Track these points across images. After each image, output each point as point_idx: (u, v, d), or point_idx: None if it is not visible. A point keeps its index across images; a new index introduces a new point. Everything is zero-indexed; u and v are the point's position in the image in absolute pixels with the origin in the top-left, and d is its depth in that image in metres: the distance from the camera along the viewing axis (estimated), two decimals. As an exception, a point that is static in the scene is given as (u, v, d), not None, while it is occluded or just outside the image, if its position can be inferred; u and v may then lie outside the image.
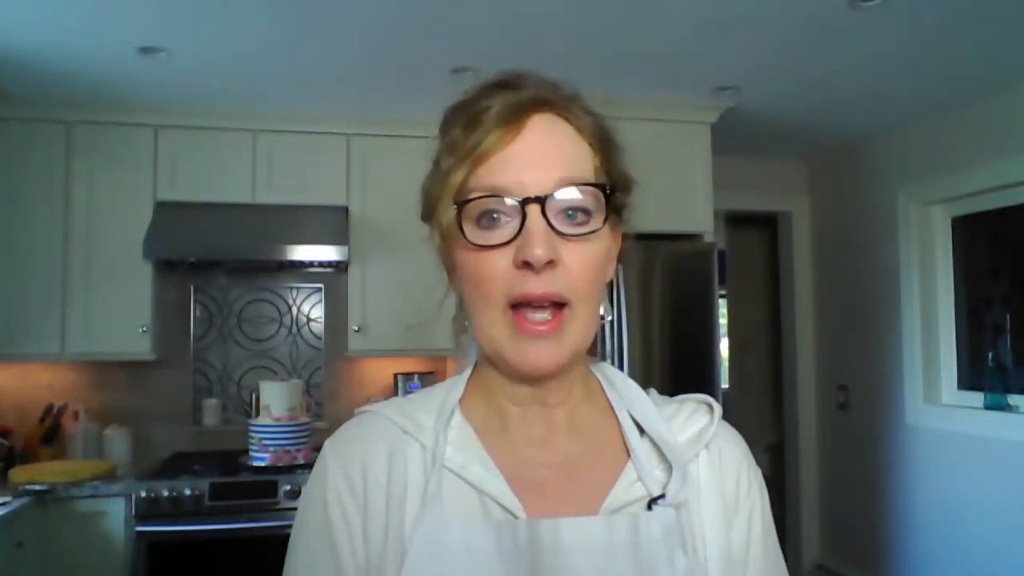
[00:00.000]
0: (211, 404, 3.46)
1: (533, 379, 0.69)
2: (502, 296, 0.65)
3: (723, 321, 3.14)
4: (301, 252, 3.18)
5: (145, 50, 2.66)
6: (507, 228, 0.65)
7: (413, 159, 3.57)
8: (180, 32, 2.54)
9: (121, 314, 3.16)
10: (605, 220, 0.67)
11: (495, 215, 0.65)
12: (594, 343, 0.71)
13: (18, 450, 3.15)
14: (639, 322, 3.09)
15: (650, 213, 0.72)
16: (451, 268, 0.73)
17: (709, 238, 3.32)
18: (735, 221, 4.72)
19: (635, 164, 0.73)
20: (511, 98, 0.68)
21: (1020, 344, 3.24)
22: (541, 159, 0.66)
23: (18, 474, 2.86)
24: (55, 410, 3.24)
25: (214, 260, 3.30)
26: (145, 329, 3.19)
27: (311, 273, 3.63)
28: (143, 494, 2.80)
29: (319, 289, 3.67)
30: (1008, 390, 3.21)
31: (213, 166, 3.28)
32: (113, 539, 2.83)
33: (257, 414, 3.10)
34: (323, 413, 3.61)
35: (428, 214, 0.73)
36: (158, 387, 3.47)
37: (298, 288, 3.66)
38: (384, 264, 3.39)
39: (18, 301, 3.08)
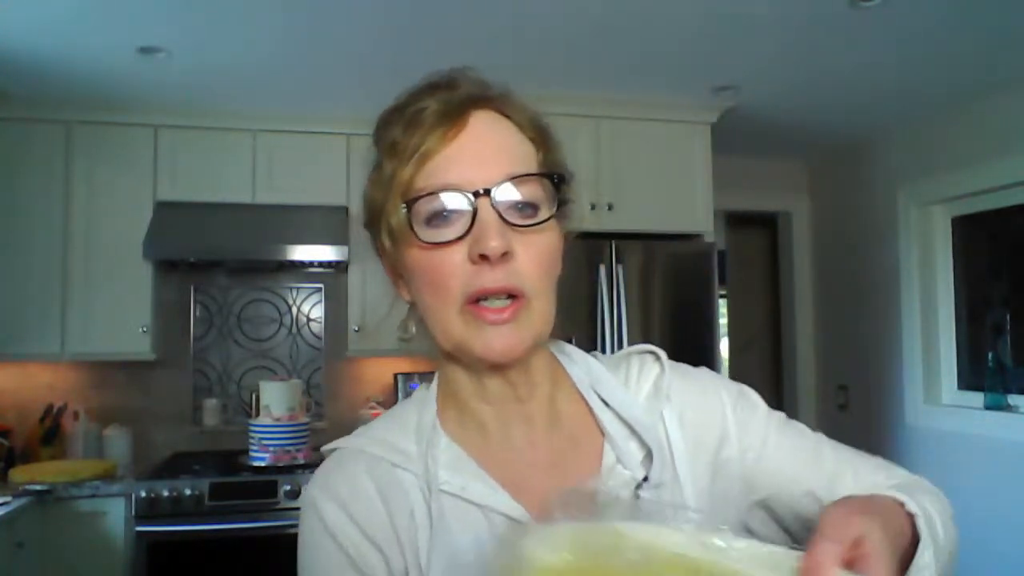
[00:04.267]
0: (211, 404, 3.46)
1: (499, 366, 0.68)
2: (459, 292, 0.65)
3: (723, 321, 3.14)
4: (301, 252, 3.18)
5: (145, 50, 2.66)
6: (458, 224, 0.65)
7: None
8: (180, 32, 2.54)
9: (121, 314, 3.16)
10: (555, 211, 0.68)
11: (445, 213, 0.65)
12: (592, 344, 0.71)
13: (18, 450, 3.15)
14: (639, 322, 3.09)
15: (650, 213, 0.73)
16: (397, 275, 0.73)
17: (709, 238, 3.32)
18: (735, 221, 4.72)
19: (635, 164, 0.73)
20: (449, 97, 0.68)
21: (1020, 344, 3.24)
22: (486, 154, 0.66)
23: (18, 474, 2.86)
24: (55, 410, 3.24)
25: (214, 260, 3.30)
26: (145, 329, 3.19)
27: (311, 273, 3.63)
28: (143, 494, 2.80)
29: (319, 289, 3.67)
30: (1008, 390, 3.21)
31: (213, 166, 3.28)
32: (113, 539, 2.83)
33: (257, 414, 3.10)
34: (323, 413, 3.61)
35: (373, 220, 0.73)
36: (158, 387, 3.47)
37: (298, 288, 3.66)
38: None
39: (18, 301, 3.08)
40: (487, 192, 0.64)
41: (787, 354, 4.50)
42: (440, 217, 0.65)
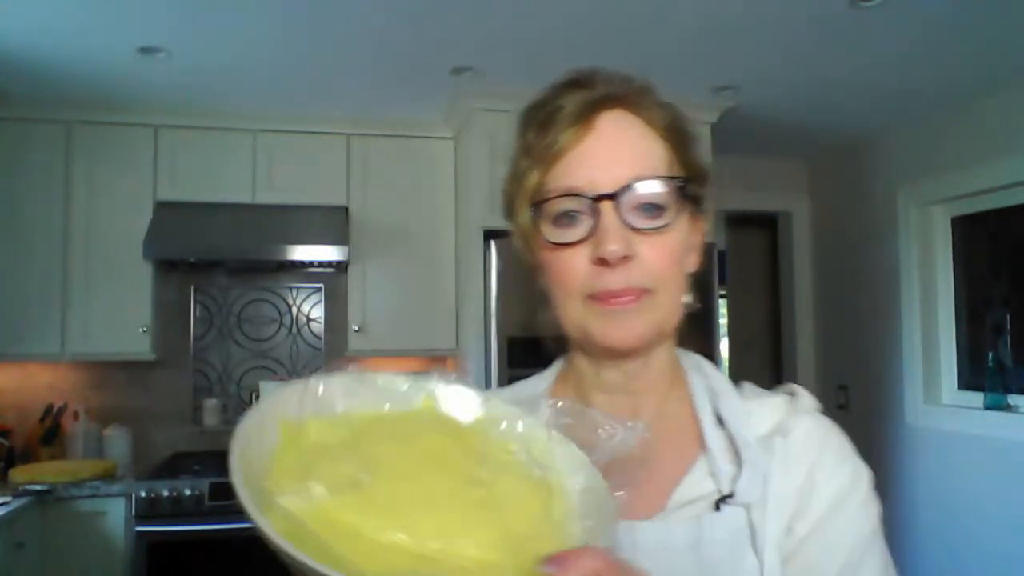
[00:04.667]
0: (211, 404, 3.46)
1: (620, 353, 0.70)
2: (581, 291, 0.68)
3: (723, 321, 3.14)
4: (301, 252, 3.18)
5: (145, 50, 2.66)
6: (583, 226, 0.67)
7: (413, 159, 3.60)
8: (180, 32, 2.54)
9: (121, 314, 3.16)
10: (681, 211, 0.69)
11: (572, 214, 0.67)
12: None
13: (18, 450, 3.15)
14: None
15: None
16: (534, 264, 0.75)
17: (709, 238, 3.31)
18: (735, 221, 4.72)
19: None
20: (583, 97, 0.69)
21: (1020, 344, 3.24)
22: (613, 156, 0.67)
23: (18, 474, 2.86)
24: (55, 410, 3.24)
25: (214, 260, 3.30)
26: (145, 329, 3.19)
27: (311, 273, 3.63)
28: (143, 494, 2.80)
29: (319, 289, 3.67)
30: (1008, 390, 3.21)
31: (213, 166, 3.28)
32: (113, 539, 2.83)
33: (257, 414, 3.09)
34: (323, 413, 3.60)
35: (508, 214, 0.75)
36: (158, 387, 3.47)
37: (298, 288, 3.66)
38: (384, 264, 3.39)
39: (18, 301, 3.08)
40: (609, 196, 0.65)
41: (787, 354, 4.50)
42: (567, 217, 0.67)
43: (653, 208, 0.67)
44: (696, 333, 3.10)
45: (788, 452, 0.69)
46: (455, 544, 0.49)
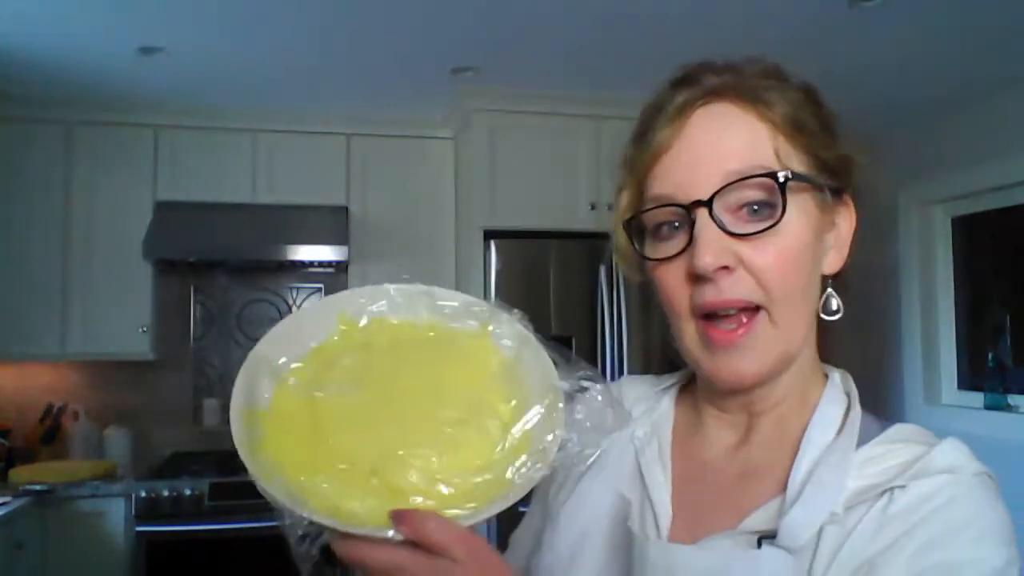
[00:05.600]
0: (211, 404, 3.46)
1: (732, 391, 0.64)
2: (686, 307, 0.62)
3: (723, 321, 3.14)
4: (301, 252, 3.18)
5: (145, 50, 2.66)
6: (680, 236, 0.61)
7: (413, 159, 3.60)
8: (180, 32, 2.54)
9: (121, 314, 3.16)
10: (802, 207, 0.61)
11: (670, 225, 0.61)
12: (593, 344, 0.71)
13: (18, 450, 3.15)
14: (639, 322, 3.09)
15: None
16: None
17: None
18: (735, 221, 4.72)
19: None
20: (685, 96, 0.62)
21: (1020, 344, 3.24)
22: (702, 157, 0.60)
23: (18, 474, 2.86)
24: (55, 410, 3.24)
25: (214, 260, 3.30)
26: (145, 329, 3.19)
27: (311, 273, 3.63)
28: (143, 494, 2.80)
29: (319, 289, 3.66)
30: (1008, 390, 3.21)
31: (213, 166, 3.28)
32: (113, 539, 2.83)
33: (257, 414, 3.09)
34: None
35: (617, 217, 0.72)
36: (158, 387, 3.47)
37: (298, 288, 3.66)
38: (384, 264, 3.39)
39: (18, 301, 3.08)
40: (700, 202, 0.59)
41: (787, 354, 4.50)
42: (670, 227, 0.62)
43: (764, 207, 0.59)
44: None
45: (887, 512, 0.55)
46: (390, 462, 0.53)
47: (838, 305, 0.68)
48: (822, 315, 0.67)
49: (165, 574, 2.78)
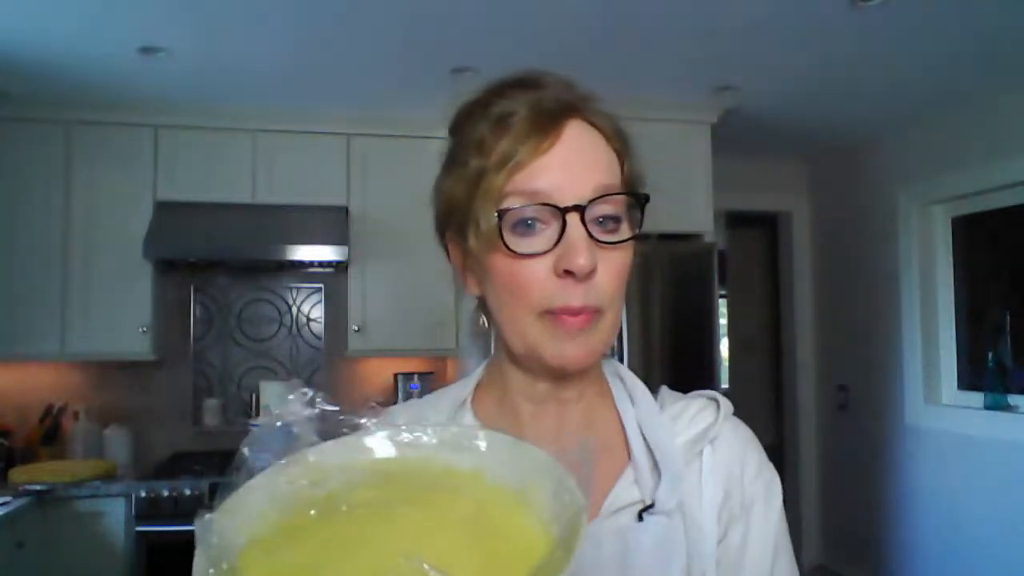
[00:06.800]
0: (211, 404, 3.46)
1: (566, 373, 0.69)
2: (539, 303, 0.65)
3: (723, 321, 3.14)
4: (301, 252, 3.18)
5: (145, 50, 2.66)
6: (545, 236, 0.64)
7: (413, 159, 3.60)
8: (180, 32, 2.54)
9: (121, 314, 3.16)
10: (633, 227, 0.68)
11: (531, 222, 0.65)
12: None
13: (18, 450, 3.15)
14: (639, 322, 3.09)
15: (650, 213, 0.72)
16: (467, 268, 0.72)
17: (709, 238, 3.32)
18: (735, 221, 4.72)
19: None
20: (540, 101, 0.67)
21: (1020, 344, 3.24)
22: (578, 167, 0.65)
23: (18, 474, 2.86)
24: (55, 410, 3.24)
25: (214, 260, 3.30)
26: (145, 329, 3.19)
27: (311, 273, 3.63)
28: (143, 494, 2.80)
29: (319, 289, 3.67)
30: (1008, 390, 3.21)
31: (213, 166, 3.28)
32: (113, 539, 2.83)
33: (257, 414, 3.10)
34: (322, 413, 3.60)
35: (450, 214, 0.70)
36: (158, 387, 3.47)
37: (298, 288, 3.66)
38: (384, 264, 3.39)
39: (18, 301, 3.08)
40: (577, 207, 0.64)
41: (787, 354, 4.50)
42: (525, 225, 0.65)
43: (611, 221, 0.66)
44: (696, 333, 3.12)
45: (717, 460, 0.71)
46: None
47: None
48: None
49: (165, 574, 2.78)
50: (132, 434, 3.29)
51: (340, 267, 3.45)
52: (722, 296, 3.14)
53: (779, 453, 4.56)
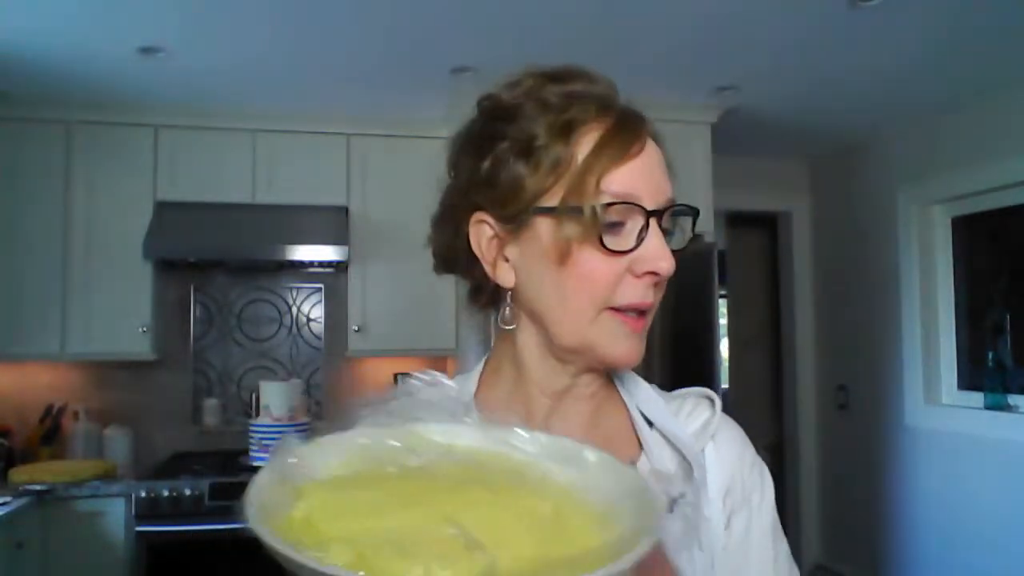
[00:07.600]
0: (211, 404, 3.46)
1: (617, 368, 0.74)
2: (608, 299, 0.67)
3: (723, 321, 3.14)
4: (301, 252, 3.18)
5: (145, 50, 2.66)
6: (630, 236, 0.67)
7: (413, 159, 3.60)
8: (180, 32, 2.54)
9: (121, 314, 3.16)
10: (690, 236, 0.73)
11: (621, 221, 0.67)
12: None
13: (18, 450, 3.15)
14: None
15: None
16: (502, 257, 0.70)
17: (709, 238, 3.32)
18: (735, 221, 4.72)
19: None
20: (605, 92, 0.73)
21: (1020, 344, 3.24)
22: (659, 175, 0.70)
23: (18, 474, 2.86)
24: (55, 410, 3.24)
25: (214, 260, 3.31)
26: (145, 329, 3.19)
27: (311, 273, 3.63)
28: (143, 494, 2.80)
29: (319, 289, 3.67)
30: (1008, 390, 3.21)
31: (213, 166, 3.28)
32: (113, 539, 2.83)
33: (257, 414, 3.10)
34: (323, 413, 3.61)
35: (504, 200, 0.68)
36: (158, 387, 3.47)
37: (298, 288, 3.66)
38: (384, 264, 3.39)
39: (18, 301, 3.08)
40: (658, 213, 0.67)
41: (787, 354, 4.50)
42: (614, 223, 0.66)
43: (667, 233, 0.70)
44: (696, 333, 3.12)
45: (720, 455, 0.75)
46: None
47: None
48: None
49: (165, 574, 2.78)
50: (132, 434, 3.30)
51: (340, 267, 3.45)
52: (722, 296, 3.13)
53: (779, 453, 4.56)
